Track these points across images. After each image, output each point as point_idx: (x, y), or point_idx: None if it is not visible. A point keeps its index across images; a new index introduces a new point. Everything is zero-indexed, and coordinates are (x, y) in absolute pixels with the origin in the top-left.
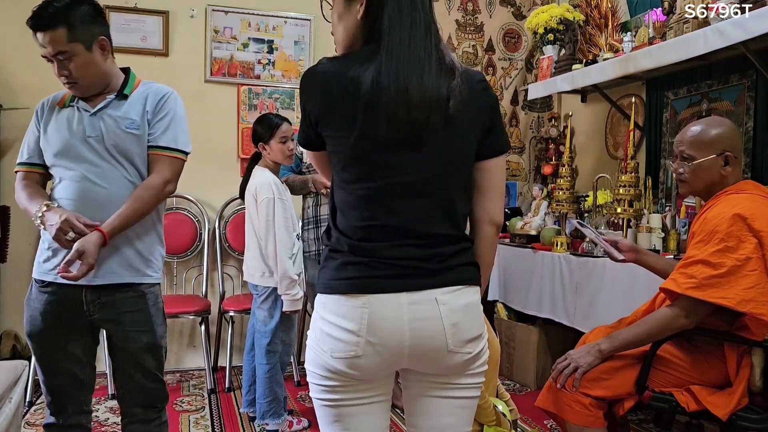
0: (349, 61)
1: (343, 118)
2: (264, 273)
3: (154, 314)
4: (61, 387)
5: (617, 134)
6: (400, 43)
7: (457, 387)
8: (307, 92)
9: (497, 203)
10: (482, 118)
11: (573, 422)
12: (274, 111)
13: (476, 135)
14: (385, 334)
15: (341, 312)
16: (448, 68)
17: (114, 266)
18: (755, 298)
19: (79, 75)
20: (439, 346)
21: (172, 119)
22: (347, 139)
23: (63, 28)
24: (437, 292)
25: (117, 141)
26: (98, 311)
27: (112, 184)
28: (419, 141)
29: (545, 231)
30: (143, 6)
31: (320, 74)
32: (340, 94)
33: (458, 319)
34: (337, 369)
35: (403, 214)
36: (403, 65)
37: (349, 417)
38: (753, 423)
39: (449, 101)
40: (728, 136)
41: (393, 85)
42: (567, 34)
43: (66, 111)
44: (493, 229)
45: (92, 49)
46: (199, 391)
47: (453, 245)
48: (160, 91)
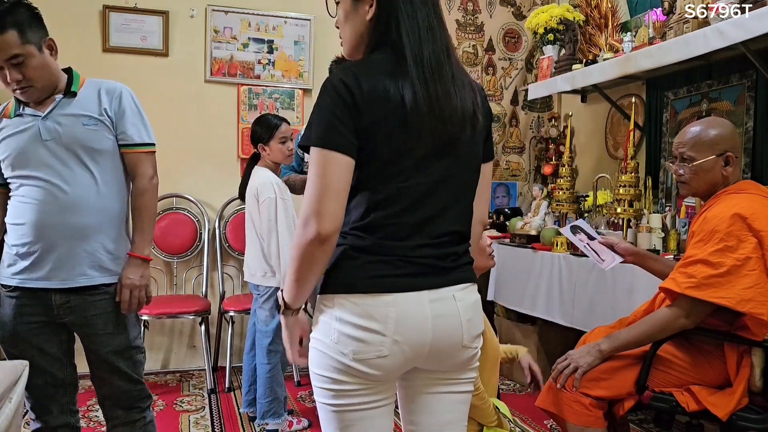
0: (377, 70)
1: (384, 130)
2: (266, 273)
3: (126, 315)
4: (41, 388)
5: (617, 134)
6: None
7: (458, 382)
8: (346, 101)
9: (486, 204)
10: (487, 126)
11: (573, 422)
12: (274, 111)
13: (483, 141)
14: (411, 333)
15: (366, 312)
16: (467, 79)
17: (85, 268)
18: (755, 297)
19: (35, 78)
20: (456, 341)
21: (134, 114)
22: (384, 148)
23: (13, 30)
24: (453, 290)
25: (75, 138)
26: (68, 315)
27: (74, 186)
28: (450, 149)
29: (545, 231)
30: (143, 6)
31: (362, 82)
32: (380, 108)
33: (471, 315)
34: (357, 370)
35: (423, 212)
36: (436, 83)
37: (359, 422)
38: (753, 423)
39: (475, 114)
40: (728, 137)
41: (435, 105)
42: (567, 34)
43: (14, 121)
44: (481, 228)
45: (43, 50)
46: (199, 391)
47: (463, 244)
48: (111, 87)
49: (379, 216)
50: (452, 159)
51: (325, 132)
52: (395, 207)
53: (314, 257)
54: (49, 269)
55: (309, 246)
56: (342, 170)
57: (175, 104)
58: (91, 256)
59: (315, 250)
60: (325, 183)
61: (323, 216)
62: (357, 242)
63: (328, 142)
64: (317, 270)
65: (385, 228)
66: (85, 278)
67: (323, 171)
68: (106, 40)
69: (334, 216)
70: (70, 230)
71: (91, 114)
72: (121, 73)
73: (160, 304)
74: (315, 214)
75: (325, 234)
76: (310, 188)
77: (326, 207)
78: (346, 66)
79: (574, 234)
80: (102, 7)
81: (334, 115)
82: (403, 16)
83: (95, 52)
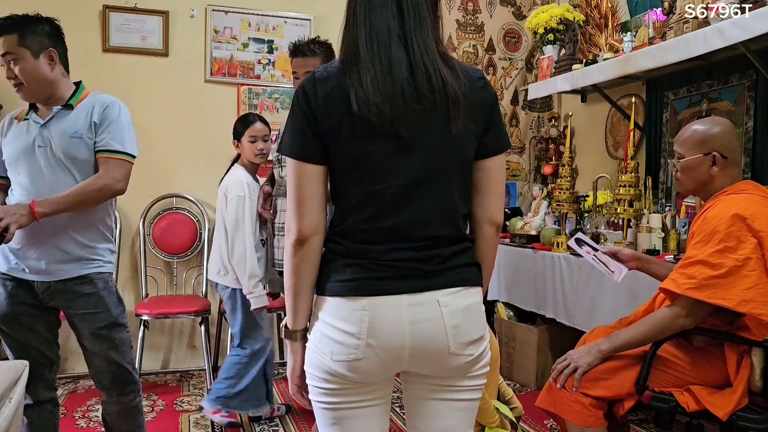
0: (336, 72)
1: (342, 134)
2: (219, 270)
3: (106, 296)
4: (31, 366)
5: (617, 134)
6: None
7: (458, 389)
8: (304, 109)
9: (497, 203)
10: (481, 117)
11: (573, 422)
12: (273, 111)
13: (476, 134)
14: (385, 337)
15: (340, 315)
16: (447, 64)
17: (59, 264)
18: (755, 298)
19: (25, 79)
20: (440, 348)
21: (116, 125)
22: (344, 153)
23: (15, 34)
24: (439, 294)
25: (64, 148)
26: (51, 299)
27: (57, 189)
28: (421, 143)
29: (545, 231)
30: (143, 6)
31: (319, 87)
32: (334, 112)
33: (459, 320)
34: (337, 372)
35: (402, 216)
36: (386, 78)
37: (348, 420)
38: (753, 423)
39: (445, 88)
40: (719, 137)
41: (386, 103)
42: (567, 34)
43: (22, 124)
44: (493, 229)
45: (39, 57)
46: (199, 391)
47: (453, 246)
48: (104, 101)
49: (353, 221)
50: (428, 158)
51: (294, 142)
52: (366, 212)
53: (298, 260)
54: (32, 263)
55: (292, 249)
56: (313, 178)
57: (175, 104)
58: (64, 253)
59: (296, 251)
60: (300, 193)
61: (301, 219)
62: (335, 247)
63: (297, 152)
64: (304, 274)
65: (360, 233)
66: (62, 272)
67: (297, 181)
68: (106, 40)
69: (311, 219)
70: (50, 229)
71: (79, 127)
72: (121, 73)
73: (160, 304)
74: (293, 219)
75: (303, 235)
76: (288, 196)
77: (303, 212)
78: (315, 70)
79: (579, 247)
80: (102, 7)
81: (298, 125)
82: (362, 6)
83: (95, 52)
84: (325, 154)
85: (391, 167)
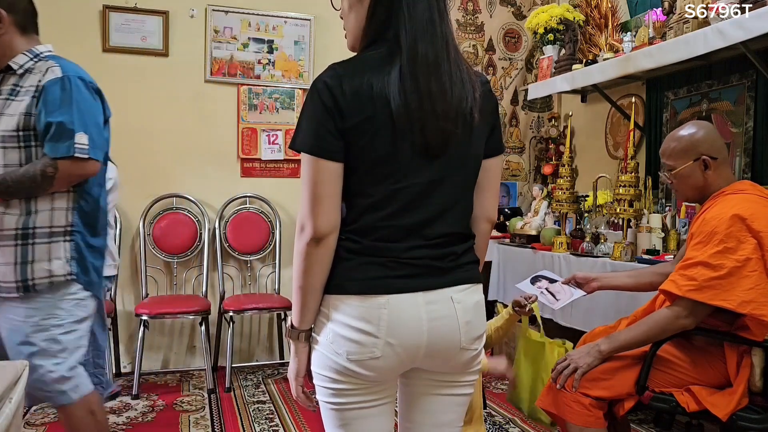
0: (364, 68)
1: (370, 131)
2: None
3: None
4: None
5: (617, 134)
6: (422, 55)
7: (458, 384)
8: (327, 105)
9: (493, 201)
10: (490, 120)
11: (573, 422)
12: (273, 111)
13: (485, 136)
14: (404, 335)
15: (358, 313)
16: (466, 75)
17: None
18: (755, 299)
19: None
20: (453, 344)
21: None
22: (371, 150)
23: None
24: (451, 291)
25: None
26: None
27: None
28: (444, 147)
29: (545, 231)
30: (143, 6)
31: (345, 83)
32: (363, 108)
33: (471, 317)
34: (352, 371)
35: (420, 214)
36: (430, 79)
37: (358, 420)
38: (753, 423)
39: (472, 111)
40: (702, 140)
41: (426, 102)
42: (567, 34)
43: None
44: (488, 226)
45: None
46: (199, 391)
47: (463, 243)
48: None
49: (373, 219)
50: (447, 158)
51: (311, 138)
52: (388, 209)
53: (313, 258)
54: None
55: (307, 247)
56: (331, 176)
57: (175, 104)
58: None
59: (313, 250)
60: (317, 190)
61: (317, 218)
62: (351, 245)
63: (315, 148)
64: (318, 273)
65: (379, 230)
66: None
67: (315, 178)
68: (106, 40)
69: (328, 217)
70: None
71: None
72: (121, 73)
73: (160, 304)
74: (309, 218)
75: (321, 234)
76: (303, 193)
77: (319, 210)
78: (332, 66)
79: (533, 284)
80: (102, 7)
81: (318, 120)
82: (401, 8)
83: (95, 52)
84: (345, 151)
85: (414, 166)
